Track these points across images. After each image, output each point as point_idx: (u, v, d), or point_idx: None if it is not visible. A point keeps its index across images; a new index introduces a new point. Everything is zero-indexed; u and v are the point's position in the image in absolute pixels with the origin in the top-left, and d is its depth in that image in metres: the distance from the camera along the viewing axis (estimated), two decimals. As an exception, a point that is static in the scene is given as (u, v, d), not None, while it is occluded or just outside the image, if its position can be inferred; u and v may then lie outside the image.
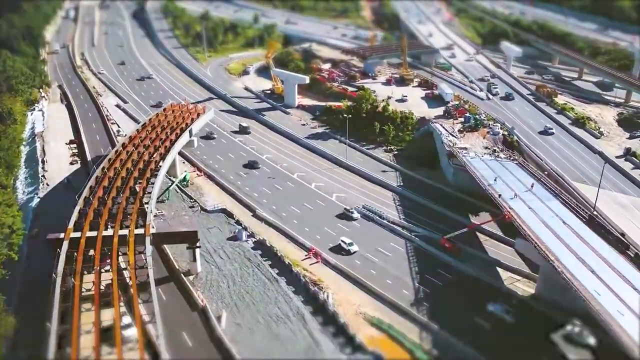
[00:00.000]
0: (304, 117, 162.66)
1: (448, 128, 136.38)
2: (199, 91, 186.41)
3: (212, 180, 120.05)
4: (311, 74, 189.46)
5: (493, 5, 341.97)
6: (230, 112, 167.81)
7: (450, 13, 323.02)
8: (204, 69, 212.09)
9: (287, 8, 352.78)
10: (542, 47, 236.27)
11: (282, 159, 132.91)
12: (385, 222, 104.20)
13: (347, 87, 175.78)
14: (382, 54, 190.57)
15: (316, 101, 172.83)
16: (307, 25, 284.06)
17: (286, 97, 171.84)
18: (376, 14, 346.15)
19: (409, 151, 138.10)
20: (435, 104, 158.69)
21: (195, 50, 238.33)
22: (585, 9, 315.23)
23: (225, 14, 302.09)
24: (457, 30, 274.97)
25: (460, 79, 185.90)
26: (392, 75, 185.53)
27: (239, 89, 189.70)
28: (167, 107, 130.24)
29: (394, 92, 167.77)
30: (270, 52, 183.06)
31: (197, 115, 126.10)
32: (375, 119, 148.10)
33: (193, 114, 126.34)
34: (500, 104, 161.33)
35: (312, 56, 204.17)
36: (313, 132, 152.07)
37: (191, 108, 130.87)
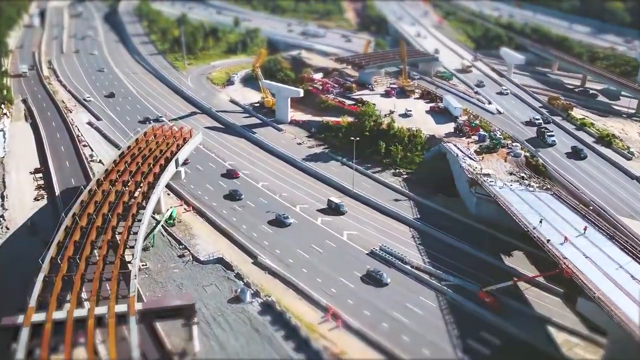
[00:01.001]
0: (299, 135, 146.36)
1: (463, 149, 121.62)
2: (181, 105, 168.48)
3: (202, 216, 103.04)
4: (302, 84, 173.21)
5: (480, 7, 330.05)
6: (217, 129, 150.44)
7: (438, 16, 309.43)
8: (185, 78, 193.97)
9: (267, 10, 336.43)
10: (539, 52, 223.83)
11: (280, 187, 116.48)
12: (409, 267, 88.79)
13: (344, 99, 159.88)
14: (379, 62, 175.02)
15: (311, 116, 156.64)
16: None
17: (278, 111, 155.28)
18: (360, 16, 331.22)
19: (420, 175, 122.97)
20: (443, 119, 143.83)
21: (173, 57, 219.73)
22: (574, 11, 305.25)
23: (203, 16, 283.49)
24: (449, 34, 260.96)
25: (464, 89, 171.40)
26: (391, 86, 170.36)
27: (224, 101, 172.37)
28: (148, 130, 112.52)
29: (396, 106, 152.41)
30: (259, 61, 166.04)
31: (184, 140, 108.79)
32: (379, 138, 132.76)
33: (178, 138, 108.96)
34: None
35: (302, 64, 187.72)
36: (311, 152, 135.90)
37: (176, 132, 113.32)
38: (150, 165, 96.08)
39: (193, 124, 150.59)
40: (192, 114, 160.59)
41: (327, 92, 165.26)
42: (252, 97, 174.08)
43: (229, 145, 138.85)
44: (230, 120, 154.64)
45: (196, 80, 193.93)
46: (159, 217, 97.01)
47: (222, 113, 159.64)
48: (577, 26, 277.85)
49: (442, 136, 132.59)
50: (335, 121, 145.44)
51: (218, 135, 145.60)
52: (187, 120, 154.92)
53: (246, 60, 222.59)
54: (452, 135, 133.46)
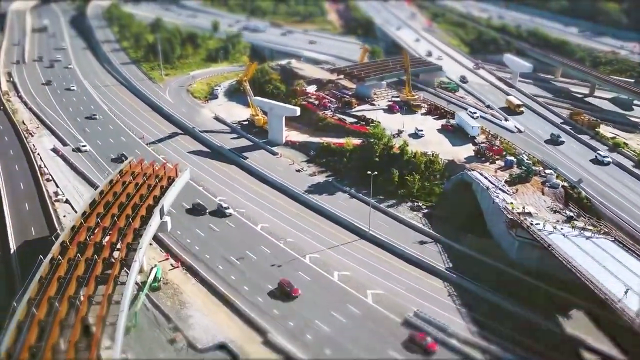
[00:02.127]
0: (297, 159, 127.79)
1: (492, 178, 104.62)
2: (160, 124, 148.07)
3: (194, 274, 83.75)
4: (295, 99, 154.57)
5: (467, 8, 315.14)
6: (202, 153, 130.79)
7: (427, 18, 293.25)
8: (162, 91, 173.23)
9: (245, 12, 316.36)
10: (540, 57, 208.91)
11: (283, 230, 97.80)
12: (455, 342, 71.38)
13: (344, 117, 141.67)
14: (380, 73, 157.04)
15: (307, 136, 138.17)
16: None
17: (271, 131, 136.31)
18: (344, 18, 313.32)
19: (442, 209, 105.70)
20: (459, 139, 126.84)
21: (149, 66, 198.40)
22: (563, 12, 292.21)
23: (179, 20, 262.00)
24: (441, 38, 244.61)
25: (474, 102, 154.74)
26: (393, 100, 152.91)
27: (208, 119, 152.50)
28: (125, 168, 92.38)
29: (404, 124, 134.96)
30: (247, 75, 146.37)
31: (168, 180, 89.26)
32: (391, 164, 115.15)
33: (162, 178, 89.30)
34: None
35: (293, 75, 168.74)
36: (312, 181, 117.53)
37: (158, 169, 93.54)
38: (130, 218, 76.40)
39: (175, 149, 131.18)
40: (173, 135, 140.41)
41: (324, 108, 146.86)
42: (240, 113, 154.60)
43: (217, 174, 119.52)
44: (217, 142, 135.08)
45: (175, 93, 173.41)
46: (141, 279, 77.45)
47: (207, 134, 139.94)
48: (570, 28, 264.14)
49: (462, 161, 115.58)
50: (337, 143, 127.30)
51: (204, 161, 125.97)
52: (167, 143, 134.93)
53: (229, 69, 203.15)
54: (472, 159, 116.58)
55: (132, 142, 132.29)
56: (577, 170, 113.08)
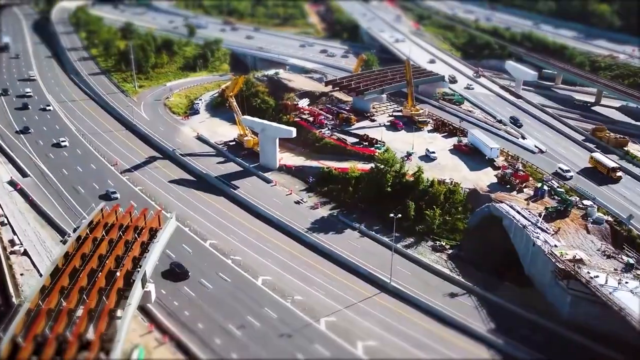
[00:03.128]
0: (294, 188, 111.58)
1: (526, 213, 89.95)
2: (134, 146, 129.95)
3: (184, 352, 66.84)
4: (285, 115, 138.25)
5: (453, 10, 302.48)
6: (185, 182, 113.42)
7: (413, 20, 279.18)
8: (137, 106, 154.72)
9: (222, 15, 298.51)
10: (538, 63, 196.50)
11: (290, 283, 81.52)
12: None
13: (343, 136, 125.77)
14: (379, 85, 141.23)
15: (303, 158, 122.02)
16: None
17: (263, 155, 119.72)
18: (327, 21, 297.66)
19: (469, 249, 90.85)
20: (476, 163, 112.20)
21: (120, 77, 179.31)
22: (553, 14, 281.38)
23: (153, 24, 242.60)
24: (431, 41, 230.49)
25: (484, 117, 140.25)
26: (395, 114, 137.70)
27: (189, 139, 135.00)
28: (96, 217, 74.59)
29: (410, 143, 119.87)
30: (234, 90, 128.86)
31: (150, 233, 72.09)
32: (404, 194, 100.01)
33: (144, 233, 71.99)
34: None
35: (282, 87, 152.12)
36: (315, 215, 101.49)
37: (137, 217, 76.10)
38: (102, 292, 59.12)
39: (153, 177, 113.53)
40: (150, 159, 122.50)
41: (320, 126, 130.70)
42: (225, 132, 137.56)
43: (204, 209, 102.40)
44: (202, 168, 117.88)
45: (151, 108, 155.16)
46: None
47: (189, 158, 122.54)
48: (562, 30, 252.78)
49: (485, 190, 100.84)
50: (340, 168, 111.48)
51: (188, 192, 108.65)
52: (145, 170, 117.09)
53: (209, 78, 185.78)
54: (496, 187, 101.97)
55: (104, 170, 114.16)
56: (615, 199, 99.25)
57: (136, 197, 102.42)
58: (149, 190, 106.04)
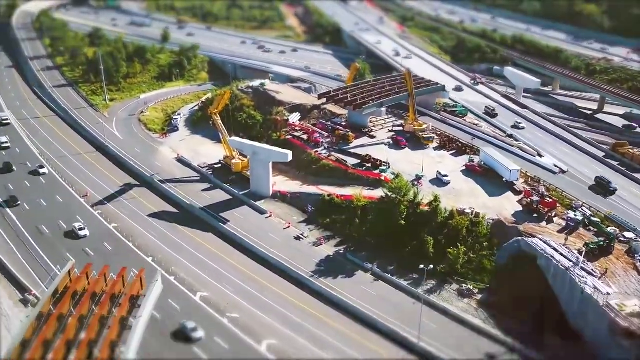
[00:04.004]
0: (291, 219, 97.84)
1: (565, 251, 77.99)
2: (107, 171, 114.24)
3: None
4: (276, 132, 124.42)
5: (437, 12, 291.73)
6: (167, 215, 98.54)
7: (396, 22, 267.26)
8: (108, 122, 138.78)
9: (197, 18, 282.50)
10: (533, 67, 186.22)
11: (300, 348, 67.72)
12: None
13: (342, 156, 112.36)
14: (377, 98, 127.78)
15: (299, 183, 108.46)
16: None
17: (254, 180, 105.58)
18: (306, 23, 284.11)
19: (502, 294, 78.19)
20: (493, 186, 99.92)
21: (89, 89, 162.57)
22: (538, 15, 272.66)
23: (123, 29, 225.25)
24: (419, 45, 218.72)
25: (491, 130, 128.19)
26: (395, 129, 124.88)
27: (169, 161, 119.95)
28: (62, 281, 59.41)
29: (417, 163, 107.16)
30: (219, 106, 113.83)
31: (130, 302, 57.50)
32: (419, 226, 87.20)
33: (122, 304, 57.31)
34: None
35: (269, 100, 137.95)
36: (319, 254, 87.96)
37: (113, 281, 61.25)
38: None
39: (130, 211, 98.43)
40: (126, 188, 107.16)
41: (315, 145, 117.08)
42: (209, 151, 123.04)
43: (191, 250, 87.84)
44: (186, 198, 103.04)
45: (124, 125, 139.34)
46: None
47: (170, 185, 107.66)
48: (550, 32, 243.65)
49: (511, 221, 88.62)
50: (343, 196, 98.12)
51: (171, 228, 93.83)
52: (120, 202, 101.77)
53: (186, 89, 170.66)
54: (521, 215, 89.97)
55: (72, 204, 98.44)
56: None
57: (110, 237, 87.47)
58: (125, 228, 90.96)
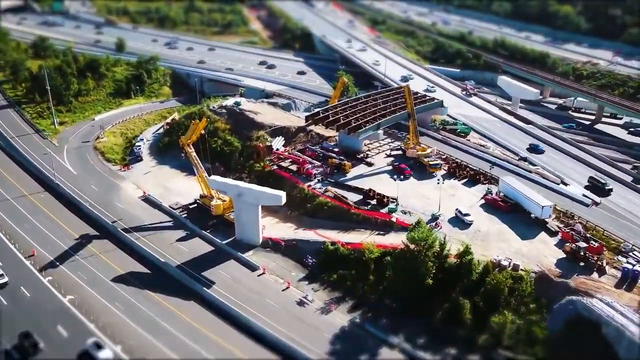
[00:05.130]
0: (289, 275, 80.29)
1: (629, 312, 63.49)
2: (58, 219, 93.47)
3: None
4: (259, 161, 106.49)
5: (407, 13, 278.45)
6: (137, 278, 79.26)
7: (367, 26, 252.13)
8: (58, 153, 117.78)
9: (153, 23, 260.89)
10: (520, 74, 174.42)
11: None
12: None
13: (340, 190, 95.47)
14: (373, 119, 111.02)
15: (293, 226, 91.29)
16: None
17: (240, 226, 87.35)
18: (271, 28, 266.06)
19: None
20: (523, 225, 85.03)
21: (34, 110, 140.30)
22: (510, 16, 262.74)
23: (69, 37, 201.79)
24: (396, 51, 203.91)
25: (500, 153, 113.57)
26: (393, 153, 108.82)
27: (133, 201, 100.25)
28: None
29: (428, 196, 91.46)
30: (192, 136, 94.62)
31: None
32: (450, 285, 71.27)
33: None
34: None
35: (247, 123, 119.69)
36: (331, 325, 70.71)
37: None
38: None
39: (89, 274, 78.73)
40: (83, 241, 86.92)
41: (307, 177, 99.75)
42: (180, 186, 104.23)
43: (171, 329, 68.95)
44: (157, 252, 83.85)
45: (77, 155, 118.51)
46: None
47: (137, 234, 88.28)
48: (525, 33, 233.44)
49: (554, 272, 73.70)
50: (350, 245, 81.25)
51: (142, 298, 74.60)
52: (75, 262, 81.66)
53: (147, 107, 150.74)
54: (565, 265, 75.23)
55: (14, 267, 77.93)
56: None
57: (65, 315, 67.88)
58: (84, 301, 71.43)
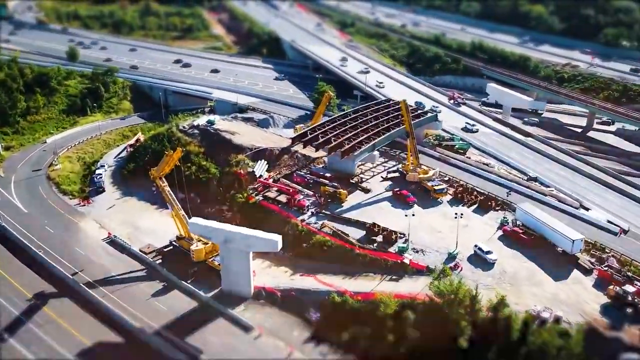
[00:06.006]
0: (291, 337, 67.25)
1: None
2: (6, 271, 77.58)
3: None
4: (241, 192, 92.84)
5: (375, 15, 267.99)
6: (105, 351, 64.63)
7: (336, 29, 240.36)
8: (5, 186, 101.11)
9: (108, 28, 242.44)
10: (503, 79, 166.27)
11: None
12: None
13: (336, 225, 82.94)
14: (367, 138, 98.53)
15: (289, 271, 78.62)
16: None
17: (228, 277, 73.72)
18: (233, 32, 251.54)
19: None
20: (552, 262, 74.35)
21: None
22: (479, 16, 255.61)
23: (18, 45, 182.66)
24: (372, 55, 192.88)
25: (505, 172, 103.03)
26: (390, 176, 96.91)
27: (96, 244, 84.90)
28: None
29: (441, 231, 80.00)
30: (166, 168, 79.89)
31: None
32: (485, 344, 59.82)
33: None
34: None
35: (224, 144, 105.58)
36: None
37: None
38: None
39: (46, 348, 63.52)
40: (37, 302, 71.44)
41: (300, 209, 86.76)
42: (151, 223, 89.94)
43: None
44: (130, 314, 69.26)
45: (27, 188, 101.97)
46: None
47: (103, 289, 73.44)
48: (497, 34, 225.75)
49: (601, 323, 63.41)
50: (360, 295, 68.93)
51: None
52: (27, 332, 66.31)
53: (106, 124, 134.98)
54: (609, 311, 65.02)
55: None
56: None
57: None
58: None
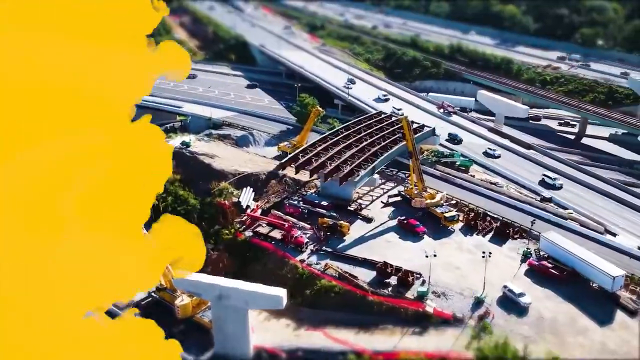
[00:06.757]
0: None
1: None
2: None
3: None
4: (228, 227, 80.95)
5: (345, 16, 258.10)
6: None
7: (305, 31, 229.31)
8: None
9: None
10: (486, 83, 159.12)
11: None
12: None
13: (341, 266, 72.14)
14: (364, 159, 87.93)
15: (292, 323, 67.16)
16: None
17: (223, 338, 61.89)
18: (197, 36, 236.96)
19: None
20: (590, 302, 65.58)
21: None
22: (450, 17, 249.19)
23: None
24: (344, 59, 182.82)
25: (513, 190, 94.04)
26: (391, 200, 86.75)
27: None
28: None
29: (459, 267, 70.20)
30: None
31: None
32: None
33: None
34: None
35: (202, 170, 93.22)
36: None
37: None
38: None
39: None
40: None
41: (298, 247, 75.53)
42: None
43: None
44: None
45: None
46: None
47: None
48: (472, 35, 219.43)
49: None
50: (384, 355, 58.41)
51: None
52: None
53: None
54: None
55: None
56: None
57: None
58: None
